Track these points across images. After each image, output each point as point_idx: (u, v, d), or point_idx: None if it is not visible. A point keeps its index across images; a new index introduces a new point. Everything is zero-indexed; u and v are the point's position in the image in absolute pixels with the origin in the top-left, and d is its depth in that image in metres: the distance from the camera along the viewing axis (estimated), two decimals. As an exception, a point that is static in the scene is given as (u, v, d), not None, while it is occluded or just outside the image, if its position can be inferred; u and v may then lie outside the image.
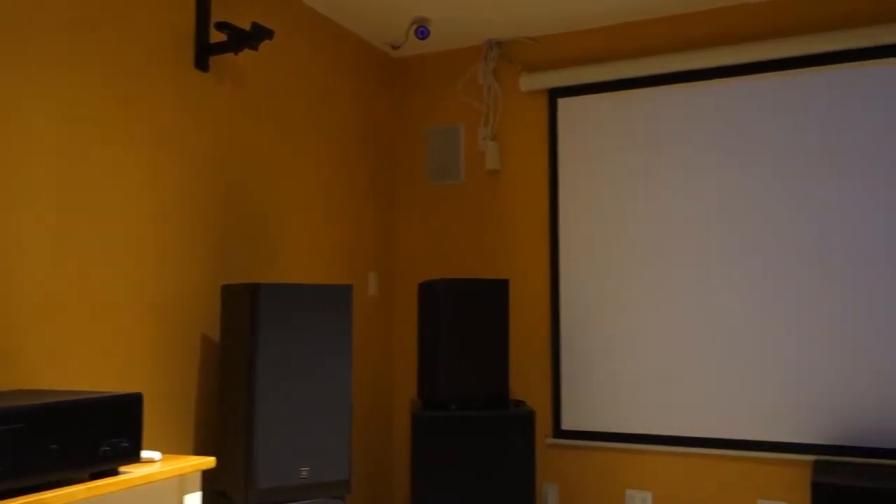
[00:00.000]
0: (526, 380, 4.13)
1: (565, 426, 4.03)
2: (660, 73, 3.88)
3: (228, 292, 2.97)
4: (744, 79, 3.76)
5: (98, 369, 2.62)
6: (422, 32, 3.97)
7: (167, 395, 2.91)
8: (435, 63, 4.49)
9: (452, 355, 3.39)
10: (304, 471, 2.83)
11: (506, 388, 3.46)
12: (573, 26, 4.10)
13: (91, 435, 2.07)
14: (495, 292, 3.49)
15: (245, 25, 3.34)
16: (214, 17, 3.17)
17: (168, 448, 2.90)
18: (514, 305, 4.18)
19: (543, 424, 4.08)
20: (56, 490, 1.95)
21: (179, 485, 2.46)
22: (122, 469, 2.24)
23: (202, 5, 3.09)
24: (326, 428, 2.89)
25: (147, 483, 2.25)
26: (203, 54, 3.09)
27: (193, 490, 2.50)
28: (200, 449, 3.06)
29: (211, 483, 3.01)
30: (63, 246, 2.52)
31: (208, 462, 2.49)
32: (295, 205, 3.68)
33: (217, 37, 3.17)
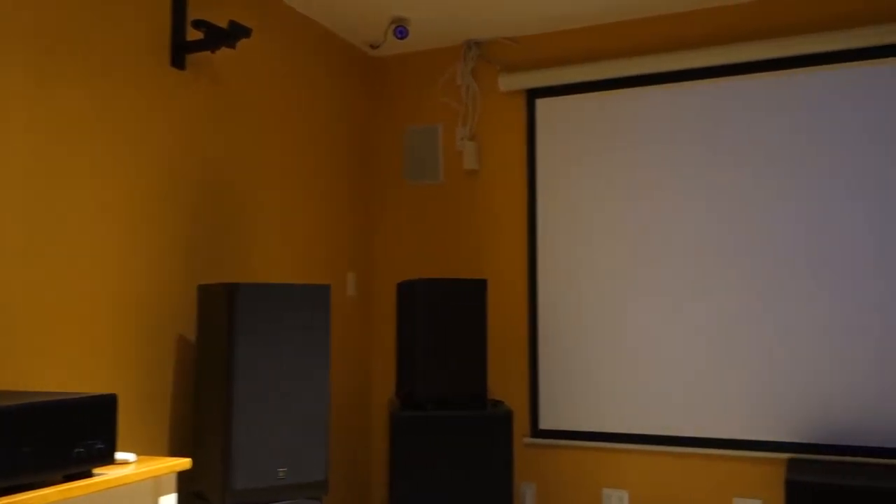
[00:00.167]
0: (504, 380, 4.14)
1: (543, 426, 4.04)
2: (638, 74, 3.90)
3: (205, 292, 2.95)
4: (725, 79, 3.78)
5: (71, 370, 2.59)
6: (400, 32, 3.96)
7: (142, 396, 2.88)
8: (413, 63, 4.49)
9: (431, 355, 3.39)
10: (282, 471, 2.81)
11: (484, 388, 3.46)
12: (552, 27, 4.11)
13: (64, 436, 2.05)
14: (473, 292, 3.50)
15: (222, 23, 3.31)
16: (191, 15, 3.14)
17: (143, 450, 2.87)
18: (493, 305, 4.18)
19: (521, 424, 4.09)
20: (29, 492, 1.92)
21: (154, 486, 2.43)
22: (97, 471, 2.22)
23: (178, 3, 3.06)
24: (304, 428, 2.88)
25: (122, 485, 2.23)
26: (179, 52, 3.06)
27: (169, 492, 2.48)
28: (176, 450, 3.03)
29: (187, 484, 2.98)
30: (35, 245, 2.49)
31: (184, 463, 2.47)
32: (272, 204, 3.66)
33: (194, 35, 3.14)
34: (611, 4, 3.81)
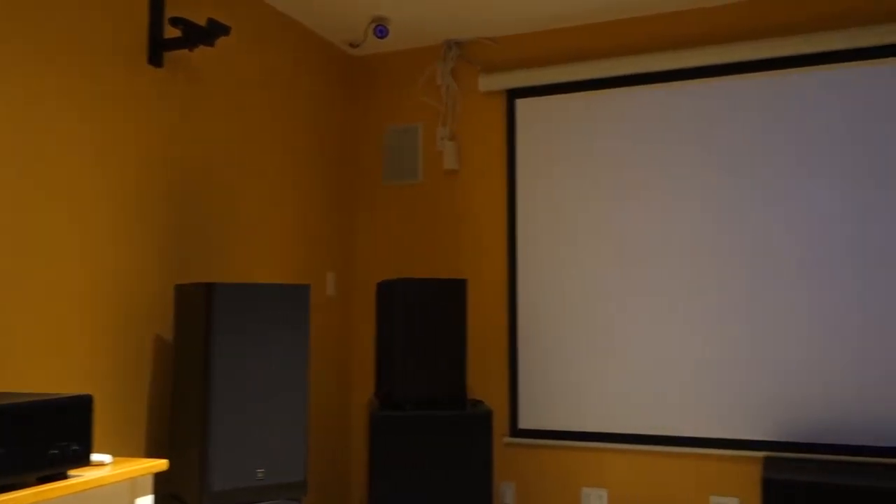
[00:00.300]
0: (483, 379, 4.15)
1: (523, 425, 4.05)
2: (618, 75, 3.92)
3: (182, 292, 2.93)
4: (710, 80, 3.81)
5: (46, 370, 2.56)
6: (381, 31, 3.96)
7: (118, 397, 2.86)
8: (394, 62, 4.48)
9: (410, 355, 3.39)
10: (260, 472, 2.80)
11: (463, 388, 3.46)
12: (532, 27, 4.12)
13: (39, 438, 2.02)
14: (453, 292, 3.50)
15: (201, 21, 3.29)
16: (169, 13, 3.12)
17: (119, 451, 2.84)
18: (472, 305, 4.19)
19: (501, 424, 4.09)
20: (3, 494, 1.90)
21: (131, 488, 2.41)
22: (72, 473, 2.20)
23: (156, 0, 3.03)
24: (283, 429, 2.86)
25: (97, 487, 2.21)
26: (157, 50, 3.04)
27: (145, 493, 2.46)
28: (153, 451, 3.01)
29: (164, 486, 2.96)
30: (9, 243, 2.46)
31: (160, 465, 2.46)
32: (251, 203, 3.64)
33: (172, 32, 3.12)
34: (591, 5, 3.83)
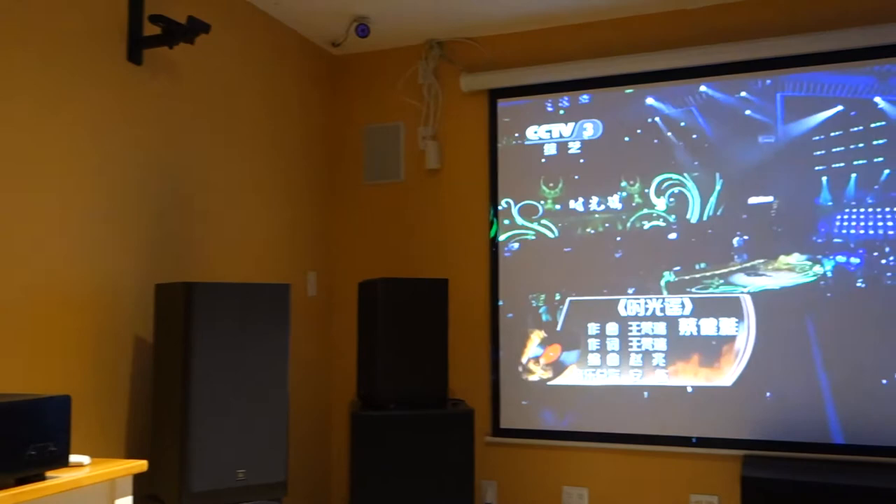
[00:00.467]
0: (465, 379, 4.15)
1: (504, 424, 4.06)
2: (600, 76, 3.94)
3: (162, 292, 2.91)
4: (688, 82, 3.83)
5: (24, 370, 2.54)
6: (362, 30, 3.95)
7: (97, 398, 2.83)
8: (375, 61, 4.48)
9: (391, 355, 3.38)
10: (240, 472, 2.79)
11: (445, 388, 3.46)
12: (514, 28, 4.13)
13: (16, 439, 2.01)
14: (435, 291, 3.50)
15: (181, 18, 3.27)
16: (148, 10, 3.09)
17: (98, 452, 2.82)
18: (454, 305, 4.19)
19: (482, 423, 4.10)
20: (-22, 496, 1.88)
21: (110, 489, 2.40)
22: (50, 474, 2.18)
23: (135, -4, 3.02)
24: (263, 429, 2.85)
25: (75, 488, 2.19)
26: (136, 47, 3.02)
27: (125, 494, 2.44)
28: (132, 452, 2.99)
29: (144, 487, 2.94)
30: (-13, 243, 2.43)
31: (139, 465, 2.44)
32: (231, 202, 3.62)
33: (151, 29, 3.10)
34: (572, 7, 3.84)
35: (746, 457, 3.56)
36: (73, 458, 2.34)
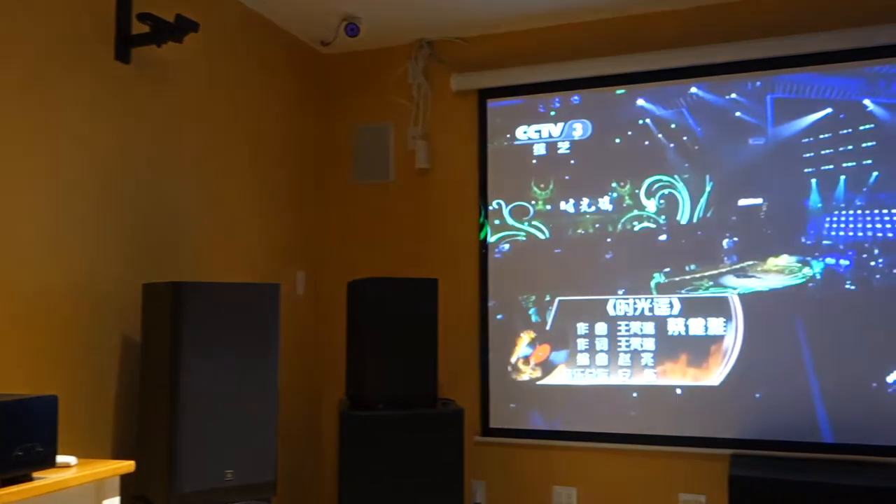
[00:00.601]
0: (454, 378, 4.15)
1: (493, 424, 4.06)
2: (590, 77, 3.94)
3: (150, 291, 2.89)
4: (679, 82, 3.84)
5: (10, 370, 2.52)
6: (351, 30, 3.94)
7: (84, 397, 2.82)
8: (365, 61, 4.46)
9: (381, 354, 3.38)
10: (229, 473, 2.77)
11: (434, 387, 3.46)
12: (504, 27, 4.13)
13: (2, 439, 1.99)
14: (424, 291, 3.49)
15: (169, 17, 3.25)
16: (137, 8, 3.08)
17: (85, 452, 2.80)
18: (444, 304, 4.19)
19: (472, 423, 4.10)
20: (-36, 498, 1.87)
21: (97, 490, 2.38)
22: (36, 475, 2.17)
23: (123, -5, 3.00)
24: (252, 429, 2.84)
25: (62, 489, 2.18)
26: (124, 45, 3.00)
27: (112, 495, 2.43)
28: (120, 453, 2.97)
29: (131, 487, 2.92)
30: (-27, 242, 2.41)
31: (127, 466, 2.43)
32: (220, 201, 3.61)
33: (139, 28, 3.08)
34: (558, 7, 3.84)
35: (734, 456, 3.57)
36: (60, 459, 2.33)
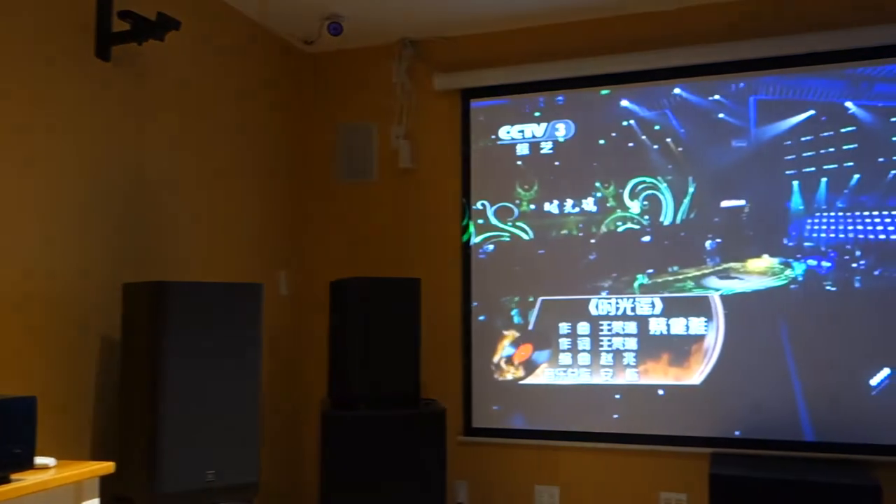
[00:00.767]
0: (437, 378, 4.14)
1: (476, 424, 4.06)
2: (574, 77, 3.95)
3: (130, 291, 2.87)
4: (662, 83, 3.85)
5: (-12, 372, 2.49)
6: (334, 28, 3.92)
7: (63, 398, 2.79)
8: (348, 60, 4.45)
9: (363, 354, 3.37)
10: (210, 474, 2.76)
11: (417, 387, 3.46)
12: (488, 27, 4.12)
13: (-21, 442, 1.97)
14: (407, 291, 3.49)
15: (150, 14, 3.22)
16: (117, 5, 3.04)
17: (64, 454, 2.77)
18: (426, 304, 4.18)
19: (454, 422, 4.10)
20: (-60, 501, 1.85)
21: (76, 491, 2.36)
22: (15, 476, 2.15)
23: (104, -8, 2.97)
24: (234, 430, 2.83)
25: (41, 490, 2.16)
26: (105, 43, 2.97)
27: (91, 497, 2.41)
28: (99, 453, 2.94)
29: (112, 488, 2.89)
30: (-50, 241, 2.38)
31: (106, 467, 2.41)
32: (201, 200, 3.58)
33: (120, 25, 3.05)
34: (541, 7, 3.84)
35: (714, 455, 3.59)
36: (39, 461, 2.31)
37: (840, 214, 3.55)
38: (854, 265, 3.52)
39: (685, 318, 3.75)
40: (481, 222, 4.12)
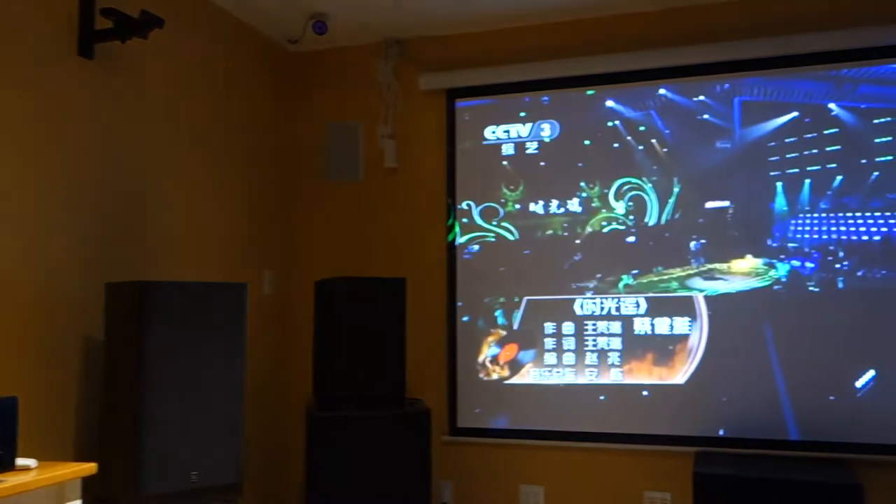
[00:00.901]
0: (422, 378, 4.14)
1: (461, 424, 4.06)
2: (559, 77, 3.95)
3: (113, 291, 2.85)
4: (648, 84, 3.86)
5: (-32, 372, 2.47)
6: (319, 27, 3.91)
7: (44, 399, 2.76)
8: (334, 59, 4.43)
9: (348, 354, 3.36)
10: (194, 474, 2.74)
11: (402, 387, 3.45)
12: (474, 27, 4.12)
13: (-41, 443, 1.95)
14: (392, 291, 3.49)
15: (134, 12, 3.19)
16: (100, 3, 3.02)
17: (46, 455, 2.75)
18: (412, 304, 4.16)
19: (439, 422, 4.09)
20: (-81, 503, 1.83)
21: (58, 493, 2.34)
22: (-5, 478, 2.12)
23: (87, -11, 2.95)
24: (218, 430, 2.81)
25: (22, 492, 2.14)
26: (87, 41, 2.95)
27: (73, 498, 2.39)
28: (82, 455, 2.92)
29: (94, 490, 2.87)
30: (-70, 241, 2.36)
31: (88, 468, 2.39)
32: (186, 200, 3.56)
33: (103, 23, 3.02)
34: (532, 7, 3.85)
35: (699, 453, 3.60)
36: (20, 462, 2.29)
37: (823, 215, 3.58)
38: (837, 266, 3.55)
39: (669, 318, 3.77)
40: (466, 222, 4.12)
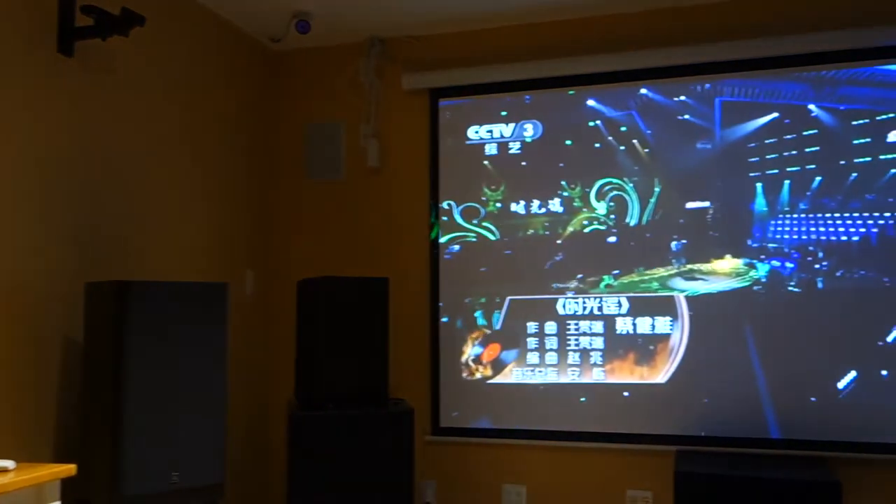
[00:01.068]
0: (405, 378, 4.14)
1: (444, 423, 4.06)
2: (542, 77, 3.96)
3: (93, 291, 2.82)
4: (629, 84, 3.88)
5: (-55, 373, 2.44)
6: (302, 26, 3.90)
7: (24, 400, 2.74)
8: (316, 58, 4.42)
9: (331, 354, 3.35)
10: (175, 476, 2.72)
11: (385, 387, 3.45)
12: (456, 27, 4.12)
13: (-64, 445, 1.92)
14: (374, 290, 3.48)
15: (115, 10, 3.17)
16: (81, 0, 2.99)
17: (24, 456, 2.72)
18: (394, 304, 4.17)
19: (422, 422, 4.09)
20: None
21: (37, 495, 2.32)
22: (-28, 481, 2.10)
23: (67, -14, 2.92)
24: (200, 431, 2.80)
25: (0, 494, 2.11)
26: (67, 38, 2.92)
27: (53, 500, 2.37)
28: (62, 456, 2.89)
29: (74, 492, 2.85)
30: None
31: (68, 469, 2.37)
32: (167, 199, 3.54)
33: (84, 20, 3.00)
34: (515, 7, 3.85)
35: (680, 452, 3.62)
36: (-2, 464, 2.26)
37: (803, 216, 3.61)
38: (816, 266, 3.58)
39: (651, 318, 3.79)
40: (446, 220, 4.12)
